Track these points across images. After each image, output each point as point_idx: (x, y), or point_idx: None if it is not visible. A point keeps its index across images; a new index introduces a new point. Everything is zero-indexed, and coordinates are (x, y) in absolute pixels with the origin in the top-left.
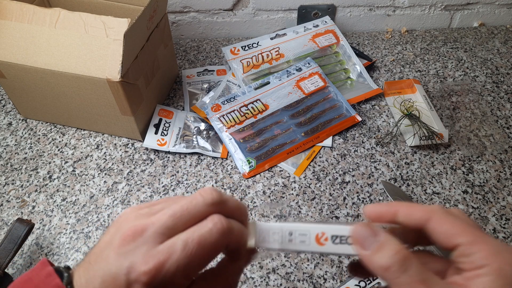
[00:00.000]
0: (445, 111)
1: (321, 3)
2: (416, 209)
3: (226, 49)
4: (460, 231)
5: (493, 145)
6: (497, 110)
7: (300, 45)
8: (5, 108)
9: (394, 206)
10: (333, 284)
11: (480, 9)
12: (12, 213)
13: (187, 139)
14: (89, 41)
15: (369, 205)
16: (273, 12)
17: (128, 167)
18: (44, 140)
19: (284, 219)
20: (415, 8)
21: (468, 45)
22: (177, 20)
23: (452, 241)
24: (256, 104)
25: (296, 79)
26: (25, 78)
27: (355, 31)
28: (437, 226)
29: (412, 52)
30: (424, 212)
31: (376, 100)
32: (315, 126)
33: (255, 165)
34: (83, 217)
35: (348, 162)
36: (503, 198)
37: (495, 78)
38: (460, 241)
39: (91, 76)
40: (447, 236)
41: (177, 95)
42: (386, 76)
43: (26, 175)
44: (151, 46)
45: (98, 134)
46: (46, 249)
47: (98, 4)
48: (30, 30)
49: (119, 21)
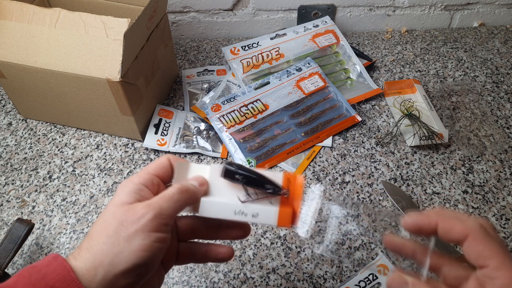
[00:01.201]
0: (445, 111)
1: (321, 3)
2: (456, 224)
3: (226, 49)
4: (491, 254)
5: (493, 145)
6: (497, 110)
7: (300, 45)
8: (5, 108)
9: (433, 218)
10: (333, 284)
11: (480, 9)
12: (12, 213)
13: (187, 139)
14: (89, 41)
15: (408, 215)
16: (273, 12)
17: (128, 167)
18: (44, 140)
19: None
20: (415, 8)
21: (468, 45)
22: (177, 20)
23: (482, 262)
24: (256, 104)
25: (296, 79)
26: (25, 78)
27: (355, 31)
28: (472, 246)
29: (412, 52)
30: (463, 229)
31: (376, 100)
32: (315, 126)
33: (255, 165)
34: (83, 217)
35: (348, 162)
36: (503, 198)
37: (495, 78)
38: (488, 263)
39: (91, 76)
40: (479, 256)
41: (177, 95)
42: (386, 76)
43: (26, 175)
44: (151, 46)
45: (98, 134)
46: (46, 249)
47: (98, 4)
48: (30, 30)
49: (119, 21)
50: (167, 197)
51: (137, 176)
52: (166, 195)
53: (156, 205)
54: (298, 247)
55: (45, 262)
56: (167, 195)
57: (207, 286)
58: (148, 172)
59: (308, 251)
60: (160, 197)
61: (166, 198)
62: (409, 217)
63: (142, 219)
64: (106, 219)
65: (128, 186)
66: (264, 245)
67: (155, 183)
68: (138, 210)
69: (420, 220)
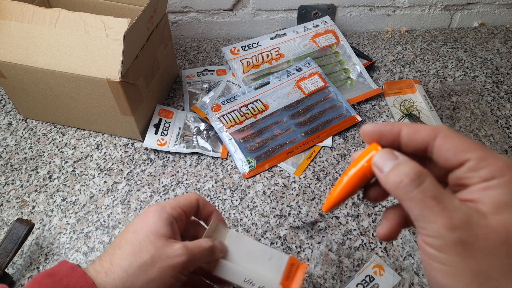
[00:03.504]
0: (445, 111)
1: (321, 3)
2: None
3: (226, 49)
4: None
5: (493, 145)
6: (497, 110)
7: (300, 45)
8: (5, 108)
9: (396, 125)
10: (333, 284)
11: (480, 9)
12: (12, 213)
13: (187, 139)
14: (89, 41)
15: (367, 124)
16: (273, 12)
17: (128, 167)
18: (44, 140)
19: None
20: (415, 8)
21: (468, 45)
22: (177, 20)
23: (461, 156)
24: (256, 104)
25: (296, 79)
26: (25, 78)
27: (355, 31)
28: (445, 143)
29: (412, 52)
30: (430, 130)
31: (376, 100)
32: (315, 126)
33: (255, 165)
34: (83, 217)
35: (348, 162)
36: None
37: (495, 78)
38: (470, 156)
39: (91, 76)
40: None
41: (177, 95)
42: (386, 76)
43: (26, 175)
44: (151, 46)
45: (98, 134)
46: (46, 249)
47: (98, 4)
48: (30, 30)
49: (119, 21)
50: (201, 248)
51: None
52: (200, 246)
53: (191, 251)
54: (298, 247)
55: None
56: (202, 247)
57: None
58: (179, 207)
59: (308, 251)
60: (196, 246)
61: (200, 249)
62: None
63: (177, 259)
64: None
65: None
66: (264, 245)
67: (183, 219)
68: (176, 249)
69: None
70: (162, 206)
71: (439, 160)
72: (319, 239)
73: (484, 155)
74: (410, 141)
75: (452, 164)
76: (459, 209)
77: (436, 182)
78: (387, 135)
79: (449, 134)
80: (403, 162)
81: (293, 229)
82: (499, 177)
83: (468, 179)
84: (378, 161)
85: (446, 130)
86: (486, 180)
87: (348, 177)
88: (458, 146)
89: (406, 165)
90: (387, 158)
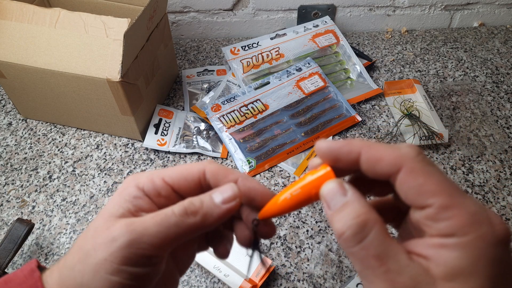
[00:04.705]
0: (445, 111)
1: (321, 3)
2: (385, 152)
3: (226, 49)
4: (434, 190)
5: (493, 145)
6: (497, 110)
7: (300, 45)
8: (5, 108)
9: (355, 145)
10: (333, 284)
11: (480, 9)
12: (12, 213)
13: (187, 139)
14: (89, 41)
15: (322, 140)
16: (273, 12)
17: (128, 167)
18: (44, 140)
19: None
20: (415, 8)
21: (468, 45)
22: (177, 20)
23: (422, 200)
24: (256, 104)
25: (296, 79)
26: (25, 78)
27: (355, 31)
28: (407, 179)
29: (412, 52)
30: (395, 158)
31: (376, 100)
32: (315, 126)
33: (255, 165)
34: (83, 217)
35: None
36: (503, 198)
37: (495, 78)
38: (432, 202)
39: (91, 76)
40: (418, 192)
41: (177, 95)
42: (386, 76)
43: (26, 175)
44: (151, 46)
45: (98, 134)
46: (46, 249)
47: (98, 4)
48: (30, 30)
49: (119, 21)
50: (160, 218)
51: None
52: (160, 214)
53: (139, 226)
54: (298, 247)
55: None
56: (162, 215)
57: (207, 286)
58: (163, 179)
59: (308, 251)
60: (152, 216)
61: (159, 218)
62: (324, 141)
63: (113, 244)
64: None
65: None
66: (264, 245)
67: (163, 194)
68: (114, 230)
69: (338, 146)
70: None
71: (401, 195)
72: (319, 239)
73: (449, 203)
74: (369, 170)
75: (414, 204)
76: (405, 271)
77: (383, 234)
78: (343, 160)
79: (414, 169)
80: (351, 202)
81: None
82: (459, 236)
83: (427, 227)
84: (327, 195)
85: (412, 162)
86: (444, 236)
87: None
88: (421, 186)
89: (353, 208)
90: (336, 193)
